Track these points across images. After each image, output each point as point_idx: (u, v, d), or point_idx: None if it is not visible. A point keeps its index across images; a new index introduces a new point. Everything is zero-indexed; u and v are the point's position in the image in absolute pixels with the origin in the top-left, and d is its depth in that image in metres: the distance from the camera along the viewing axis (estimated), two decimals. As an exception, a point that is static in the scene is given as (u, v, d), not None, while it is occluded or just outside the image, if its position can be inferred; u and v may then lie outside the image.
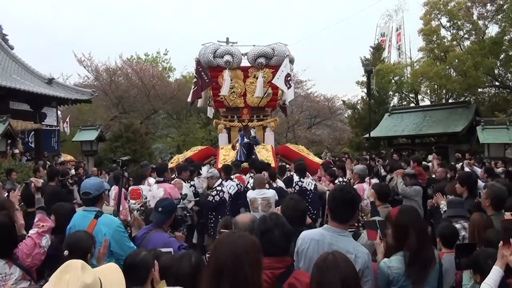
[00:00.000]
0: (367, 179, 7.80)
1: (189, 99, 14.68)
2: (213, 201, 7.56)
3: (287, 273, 2.73)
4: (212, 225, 7.55)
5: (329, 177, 9.25)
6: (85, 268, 1.93)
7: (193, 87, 13.93)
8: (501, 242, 2.78)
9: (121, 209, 5.44)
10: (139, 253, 3.19)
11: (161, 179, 7.47)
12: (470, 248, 3.31)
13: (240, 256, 2.03)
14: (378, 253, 3.11)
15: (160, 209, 4.35)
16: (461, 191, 5.48)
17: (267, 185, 7.68)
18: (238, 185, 8.11)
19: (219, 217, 6.98)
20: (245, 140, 10.75)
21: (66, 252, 3.09)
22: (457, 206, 4.79)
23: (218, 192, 7.62)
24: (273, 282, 2.67)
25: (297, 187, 8.09)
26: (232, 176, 8.49)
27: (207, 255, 3.05)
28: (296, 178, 8.26)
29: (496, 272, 2.74)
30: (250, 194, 7.34)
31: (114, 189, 7.53)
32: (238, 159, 10.71)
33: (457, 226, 4.33)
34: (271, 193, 7.24)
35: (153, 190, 7.17)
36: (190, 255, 2.90)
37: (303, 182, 8.10)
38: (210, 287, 2.04)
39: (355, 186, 7.02)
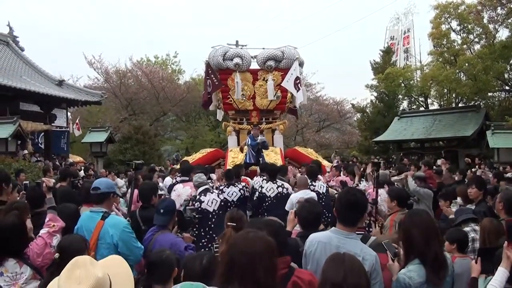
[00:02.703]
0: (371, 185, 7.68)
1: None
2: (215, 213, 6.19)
3: (290, 272, 2.75)
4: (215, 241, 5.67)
5: (351, 176, 9.16)
6: (93, 262, 1.92)
7: (203, 91, 14.02)
8: (506, 242, 2.76)
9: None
10: (163, 251, 3.21)
11: (186, 178, 7.41)
12: (492, 252, 3.26)
13: (254, 259, 2.05)
14: (393, 273, 3.08)
15: (161, 210, 4.29)
16: (478, 195, 5.53)
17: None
18: (242, 190, 7.39)
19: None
20: (254, 142, 10.51)
21: (56, 255, 3.06)
22: (466, 212, 4.81)
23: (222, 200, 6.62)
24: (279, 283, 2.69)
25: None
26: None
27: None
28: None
29: (501, 273, 2.74)
30: (296, 196, 6.73)
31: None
32: (248, 161, 10.59)
33: (467, 229, 4.32)
34: (313, 194, 6.81)
35: (177, 189, 7.09)
36: (203, 255, 2.92)
37: (315, 185, 7.72)
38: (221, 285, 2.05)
39: (369, 191, 6.96)
